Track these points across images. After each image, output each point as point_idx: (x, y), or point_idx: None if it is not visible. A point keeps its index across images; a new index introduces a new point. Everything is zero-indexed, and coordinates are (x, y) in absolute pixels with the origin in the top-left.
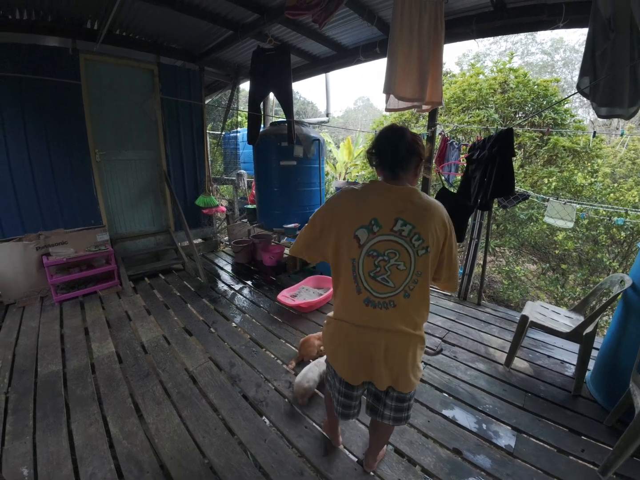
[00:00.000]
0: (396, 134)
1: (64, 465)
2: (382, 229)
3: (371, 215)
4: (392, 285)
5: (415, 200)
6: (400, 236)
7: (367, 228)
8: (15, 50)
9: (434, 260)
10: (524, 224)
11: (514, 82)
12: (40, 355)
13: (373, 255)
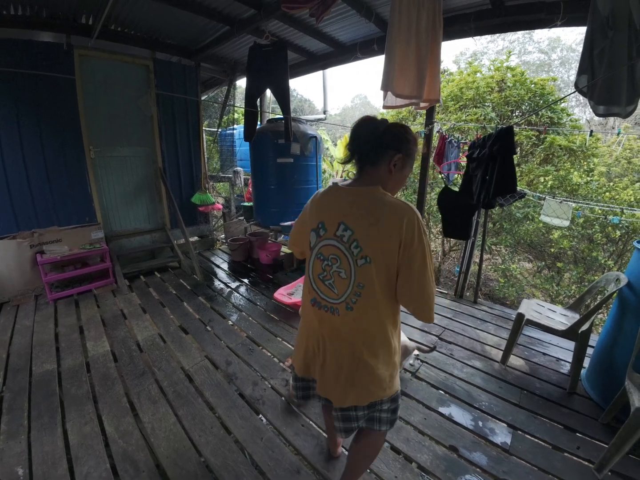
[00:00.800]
0: (365, 124)
1: (59, 465)
2: (327, 232)
3: (320, 219)
4: (336, 293)
5: (365, 202)
6: (341, 241)
7: (315, 231)
8: (9, 45)
9: (385, 273)
10: (520, 223)
11: (511, 81)
12: (35, 354)
13: (320, 258)
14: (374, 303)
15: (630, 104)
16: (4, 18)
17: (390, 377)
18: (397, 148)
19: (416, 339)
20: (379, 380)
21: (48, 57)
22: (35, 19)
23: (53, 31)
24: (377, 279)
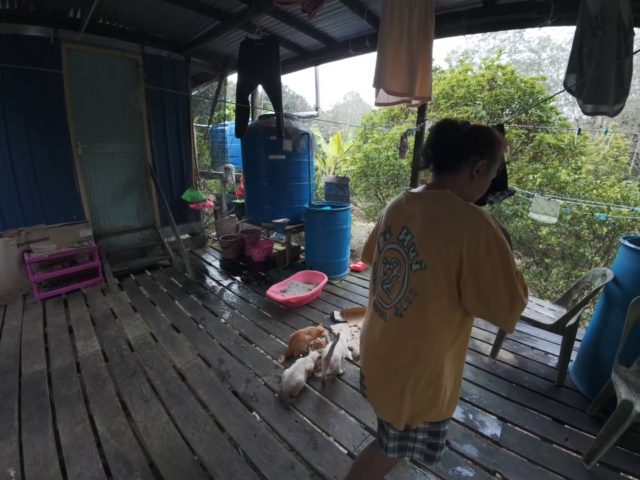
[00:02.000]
0: (445, 128)
1: (51, 466)
2: (392, 237)
3: (388, 223)
4: (391, 297)
5: (429, 206)
6: (402, 245)
7: (383, 235)
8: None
9: (444, 283)
10: (510, 220)
11: (501, 79)
12: (24, 355)
13: (384, 262)
14: (425, 314)
15: (618, 102)
16: None
17: (431, 403)
18: (481, 153)
19: None
20: (412, 400)
21: (35, 51)
22: (22, 12)
23: (40, 25)
24: (433, 288)
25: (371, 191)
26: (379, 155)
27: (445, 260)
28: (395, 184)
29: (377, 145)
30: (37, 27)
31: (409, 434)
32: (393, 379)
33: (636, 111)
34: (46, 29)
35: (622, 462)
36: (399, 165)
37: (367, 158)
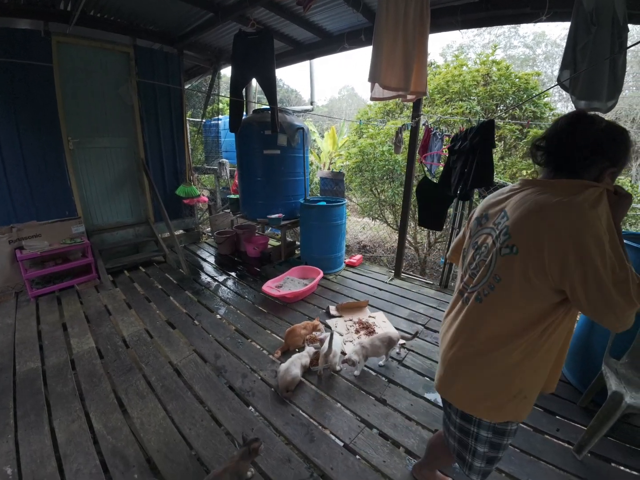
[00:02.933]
0: (581, 120)
1: (48, 463)
2: (488, 221)
3: (486, 210)
4: (475, 282)
5: (541, 196)
6: (496, 229)
7: (478, 219)
8: None
9: (531, 270)
10: None
11: (496, 75)
12: (18, 353)
13: (474, 247)
14: (509, 302)
15: (611, 99)
16: None
17: (495, 401)
18: (614, 160)
19: (402, 328)
20: (478, 389)
21: (25, 44)
22: (12, 5)
23: (31, 18)
24: (519, 275)
25: (366, 186)
26: (374, 151)
27: (541, 247)
28: (391, 180)
29: (372, 140)
30: (27, 20)
31: (470, 428)
32: (463, 364)
33: (629, 108)
34: (36, 22)
35: (612, 452)
36: (394, 160)
37: (362, 153)
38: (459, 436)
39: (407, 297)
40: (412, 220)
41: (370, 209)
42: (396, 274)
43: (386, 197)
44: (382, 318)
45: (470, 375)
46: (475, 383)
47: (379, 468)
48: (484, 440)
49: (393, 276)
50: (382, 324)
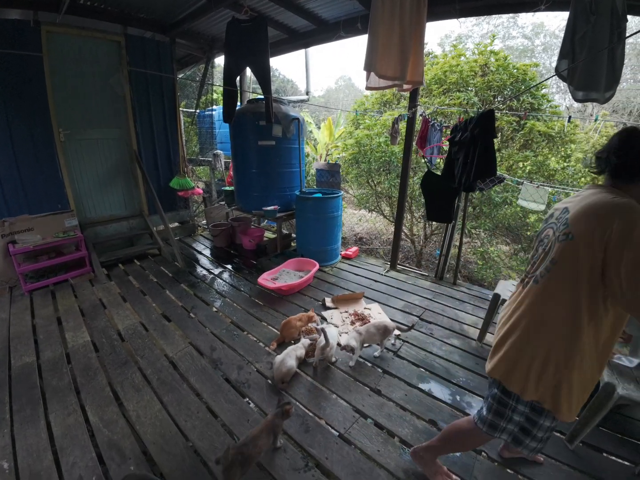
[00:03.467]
0: (633, 136)
1: (44, 457)
2: (552, 218)
3: (553, 211)
4: (535, 268)
5: (599, 195)
6: (557, 222)
7: (545, 220)
8: None
9: (583, 257)
10: (499, 207)
11: (494, 65)
12: (13, 347)
13: (539, 240)
14: (562, 286)
15: (609, 90)
16: None
17: (539, 378)
18: None
19: (397, 319)
20: (523, 365)
21: (13, 34)
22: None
23: (20, 8)
24: (571, 260)
25: (363, 178)
26: (371, 142)
27: (591, 237)
28: (387, 171)
29: (369, 132)
30: (17, 10)
31: (506, 410)
32: (512, 338)
33: (627, 100)
34: (26, 11)
35: (604, 442)
36: (391, 152)
37: (358, 144)
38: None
39: (403, 288)
40: (408, 212)
41: (366, 201)
42: (392, 265)
43: (383, 189)
44: (378, 310)
45: (519, 355)
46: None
47: (374, 457)
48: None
49: (389, 268)
50: (378, 315)
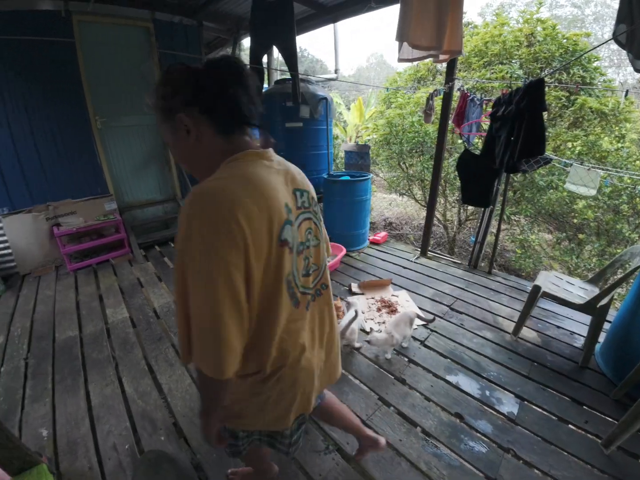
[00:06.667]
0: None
1: (82, 425)
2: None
3: (282, 201)
4: (316, 268)
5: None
6: (306, 210)
7: (288, 222)
8: (11, 17)
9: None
10: (543, 191)
11: (541, 35)
12: (57, 322)
13: (300, 250)
14: None
15: None
16: None
17: None
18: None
19: (426, 308)
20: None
21: (47, 25)
22: None
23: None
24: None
25: (394, 160)
26: (403, 122)
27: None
28: (420, 153)
29: (401, 111)
30: (48, 1)
31: None
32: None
33: None
34: (57, 2)
35: None
36: (424, 132)
37: (390, 125)
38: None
39: (433, 276)
40: (441, 196)
41: (397, 184)
42: (422, 252)
43: (415, 172)
44: (406, 297)
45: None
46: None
47: (395, 446)
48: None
49: (419, 254)
50: (406, 303)
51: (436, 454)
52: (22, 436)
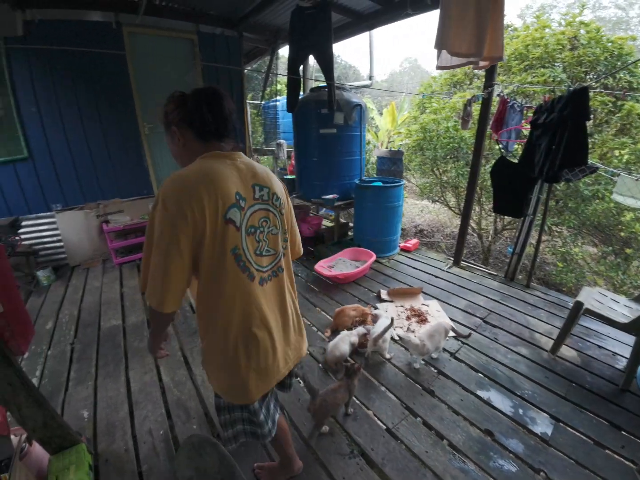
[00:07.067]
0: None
1: (120, 409)
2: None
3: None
4: (274, 252)
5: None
6: (264, 202)
7: (235, 205)
8: (63, 26)
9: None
10: (588, 201)
11: (585, 38)
12: (103, 311)
13: (251, 231)
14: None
15: None
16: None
17: None
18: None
19: (458, 319)
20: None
21: (99, 35)
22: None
23: (101, 10)
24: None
25: (427, 166)
26: (438, 127)
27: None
28: (455, 159)
29: (435, 116)
30: (98, 12)
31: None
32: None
33: None
34: (107, 13)
35: None
36: (460, 137)
37: (424, 130)
38: None
39: (466, 287)
40: (476, 204)
41: (430, 191)
42: (455, 261)
43: (449, 178)
44: (437, 307)
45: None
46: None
47: (420, 457)
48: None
49: (452, 264)
50: (436, 313)
51: (463, 469)
52: (64, 416)
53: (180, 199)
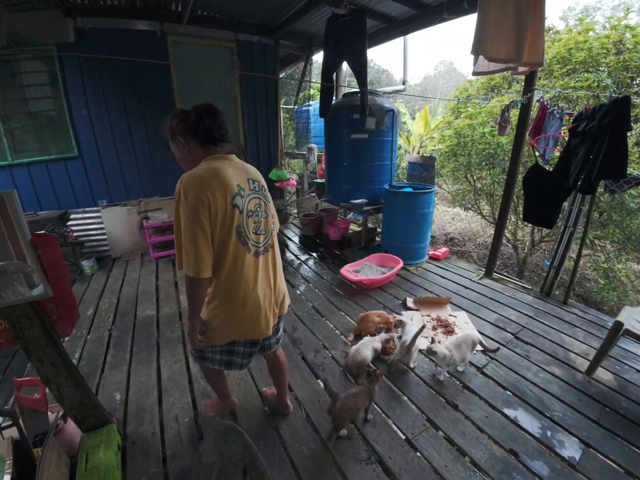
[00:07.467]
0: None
1: (150, 394)
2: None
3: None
4: (265, 232)
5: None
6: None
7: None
8: (111, 34)
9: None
10: (634, 214)
11: (630, 42)
12: (139, 302)
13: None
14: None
15: None
16: (102, 8)
17: None
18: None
19: (488, 334)
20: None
21: (145, 44)
22: (129, 7)
23: (147, 19)
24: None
25: (460, 172)
26: (473, 132)
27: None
28: (490, 166)
29: (471, 121)
30: (144, 21)
31: None
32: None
33: None
34: (153, 22)
35: None
36: (497, 143)
37: (458, 135)
38: None
39: (498, 300)
40: (512, 213)
41: (462, 198)
42: (487, 272)
43: (483, 186)
44: (465, 319)
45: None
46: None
47: (439, 471)
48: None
49: (483, 275)
50: (464, 325)
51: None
52: (98, 397)
53: (198, 190)
